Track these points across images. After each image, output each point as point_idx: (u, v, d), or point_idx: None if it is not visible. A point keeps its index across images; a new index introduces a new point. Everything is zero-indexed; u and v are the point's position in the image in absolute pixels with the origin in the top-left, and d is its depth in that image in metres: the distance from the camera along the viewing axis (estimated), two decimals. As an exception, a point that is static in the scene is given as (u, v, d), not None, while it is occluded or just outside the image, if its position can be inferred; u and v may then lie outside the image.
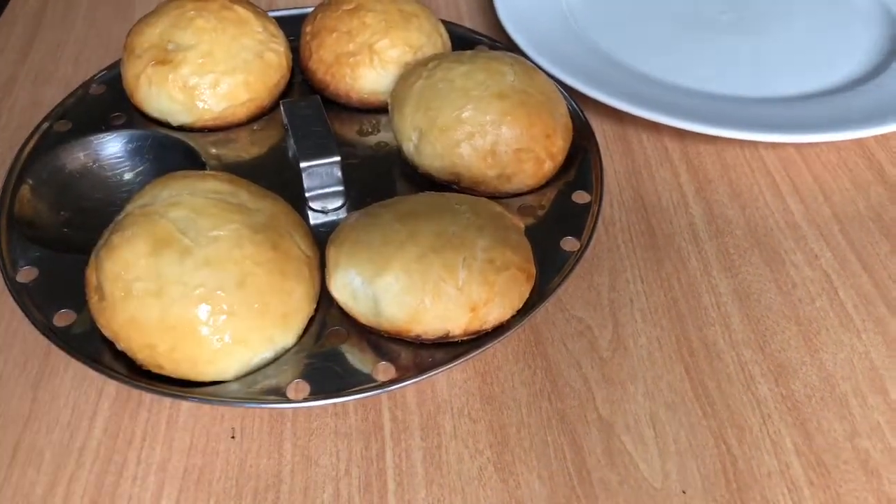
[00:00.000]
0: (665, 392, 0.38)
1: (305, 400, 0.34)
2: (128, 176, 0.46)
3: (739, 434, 0.36)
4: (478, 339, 0.36)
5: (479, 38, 0.55)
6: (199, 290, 0.33)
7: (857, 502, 0.34)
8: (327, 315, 0.38)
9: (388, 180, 0.46)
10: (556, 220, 0.42)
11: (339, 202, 0.44)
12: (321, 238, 0.40)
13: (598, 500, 0.34)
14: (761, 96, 0.54)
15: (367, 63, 0.48)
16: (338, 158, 0.42)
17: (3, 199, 0.42)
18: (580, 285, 0.42)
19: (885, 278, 0.43)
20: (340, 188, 0.43)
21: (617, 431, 0.36)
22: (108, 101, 0.49)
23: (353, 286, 0.36)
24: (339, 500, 0.34)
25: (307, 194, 0.43)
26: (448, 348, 0.36)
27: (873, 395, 0.38)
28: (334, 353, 0.36)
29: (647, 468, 0.35)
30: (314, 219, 0.43)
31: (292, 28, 0.52)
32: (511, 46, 0.54)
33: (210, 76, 0.46)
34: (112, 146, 0.46)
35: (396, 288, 0.35)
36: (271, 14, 0.54)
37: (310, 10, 0.52)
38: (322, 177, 0.42)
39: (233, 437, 0.36)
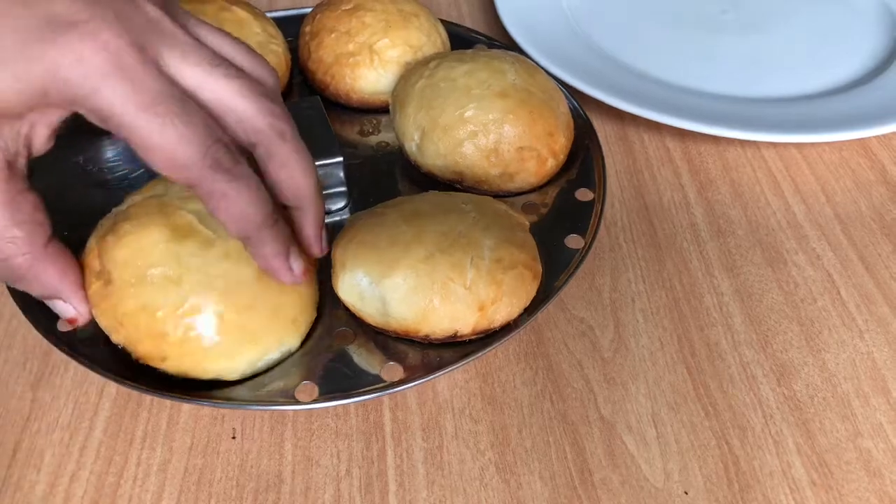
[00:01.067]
0: (667, 392, 0.38)
1: (316, 401, 0.34)
2: (126, 179, 0.46)
3: (741, 434, 0.36)
4: (485, 339, 0.36)
5: (477, 37, 0.55)
6: (220, 280, 0.33)
7: (860, 502, 0.34)
8: (334, 316, 0.38)
9: (390, 180, 0.46)
10: (560, 218, 0.42)
11: (341, 203, 0.43)
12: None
13: (600, 500, 0.34)
14: (763, 96, 0.54)
15: (367, 63, 0.47)
16: (340, 159, 0.42)
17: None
18: (581, 285, 0.42)
19: (887, 278, 0.43)
20: (343, 189, 0.43)
21: (619, 432, 0.36)
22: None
23: (360, 287, 0.36)
24: (341, 501, 0.34)
25: (308, 194, 0.42)
26: (456, 348, 0.36)
27: (876, 395, 0.38)
28: (342, 354, 0.36)
29: (649, 468, 0.35)
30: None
31: (291, 28, 0.52)
32: (511, 46, 0.54)
33: (210, 76, 0.46)
34: (111, 149, 0.46)
35: (405, 288, 0.35)
36: (270, 15, 0.54)
37: (309, 10, 0.52)
38: (325, 177, 0.42)
39: (233, 438, 0.36)
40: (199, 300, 0.33)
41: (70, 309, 0.33)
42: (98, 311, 0.34)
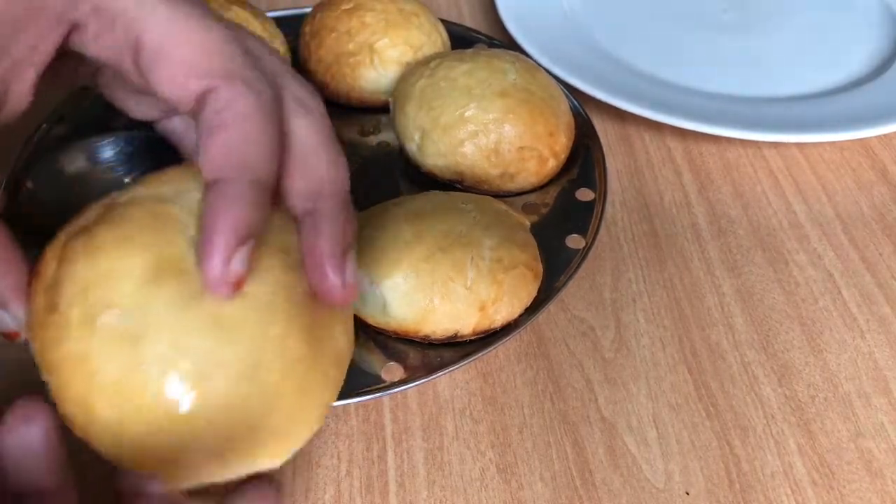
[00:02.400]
0: (668, 393, 0.37)
1: None
2: (127, 178, 0.45)
3: (743, 435, 0.36)
4: (486, 339, 0.36)
5: (477, 36, 0.55)
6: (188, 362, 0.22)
7: (861, 503, 0.34)
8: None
9: (390, 180, 0.46)
10: (561, 218, 0.42)
11: (340, 202, 0.43)
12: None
13: (601, 501, 0.34)
14: (764, 95, 0.54)
15: (368, 63, 0.47)
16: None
17: (1, 203, 0.42)
18: (582, 285, 0.42)
19: (888, 278, 0.43)
20: (342, 188, 0.43)
21: (620, 432, 0.36)
22: (108, 104, 0.49)
23: (361, 287, 0.36)
24: (341, 502, 0.34)
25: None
26: (456, 348, 0.36)
27: (877, 395, 0.37)
28: None
29: (650, 469, 0.35)
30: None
31: (291, 28, 0.52)
32: (511, 45, 0.54)
33: (210, 76, 0.45)
34: (112, 148, 0.46)
35: (405, 287, 0.35)
36: (270, 14, 0.54)
37: (309, 10, 0.52)
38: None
39: (233, 439, 0.36)
40: (156, 387, 0.22)
41: (6, 319, 0.24)
42: (31, 333, 0.24)
